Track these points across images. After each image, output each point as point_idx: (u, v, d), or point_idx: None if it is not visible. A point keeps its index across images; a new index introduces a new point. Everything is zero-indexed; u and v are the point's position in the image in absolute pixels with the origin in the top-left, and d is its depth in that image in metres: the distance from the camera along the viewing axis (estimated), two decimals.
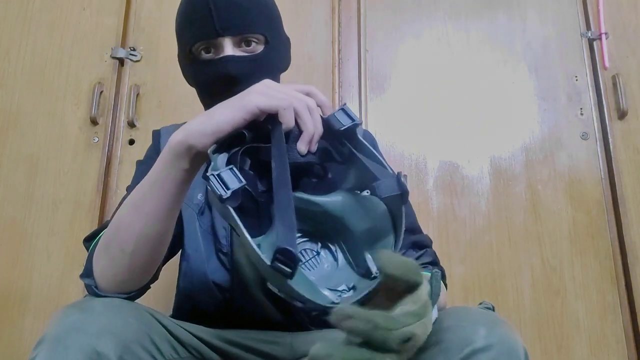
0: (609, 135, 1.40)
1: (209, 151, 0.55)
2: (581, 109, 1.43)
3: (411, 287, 0.48)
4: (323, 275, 0.57)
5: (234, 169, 0.51)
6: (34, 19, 1.53)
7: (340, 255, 0.59)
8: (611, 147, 1.39)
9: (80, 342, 0.53)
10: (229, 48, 0.77)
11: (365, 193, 0.58)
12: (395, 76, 1.48)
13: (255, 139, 0.58)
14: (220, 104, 0.59)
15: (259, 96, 0.57)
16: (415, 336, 0.46)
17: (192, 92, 1.52)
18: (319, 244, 0.59)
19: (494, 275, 1.33)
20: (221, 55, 0.77)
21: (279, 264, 0.44)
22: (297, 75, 1.46)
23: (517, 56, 1.48)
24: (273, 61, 0.81)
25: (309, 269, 0.57)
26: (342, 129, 0.58)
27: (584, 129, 1.42)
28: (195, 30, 0.78)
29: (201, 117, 0.59)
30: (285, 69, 0.87)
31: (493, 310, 0.66)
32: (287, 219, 0.46)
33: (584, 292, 1.31)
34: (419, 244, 0.81)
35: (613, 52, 1.46)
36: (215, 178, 0.50)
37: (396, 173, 0.55)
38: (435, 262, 0.81)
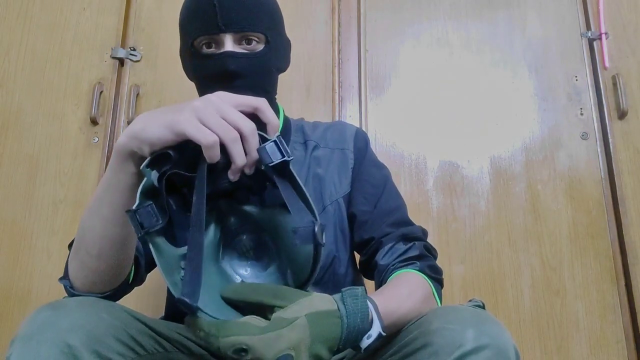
0: (609, 135, 1.40)
1: (141, 167, 0.55)
2: (581, 109, 1.43)
3: (266, 308, 0.51)
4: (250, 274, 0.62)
5: (153, 205, 0.52)
6: (34, 19, 1.53)
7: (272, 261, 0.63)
8: (611, 147, 1.39)
9: (52, 337, 0.54)
10: (229, 44, 0.78)
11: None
12: (395, 76, 1.48)
13: (183, 161, 0.56)
14: (160, 111, 0.58)
15: (189, 122, 0.54)
16: (251, 349, 0.48)
17: (192, 91, 1.52)
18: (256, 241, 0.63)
19: (494, 275, 1.33)
20: (221, 51, 0.78)
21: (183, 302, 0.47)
22: (297, 75, 1.46)
23: (517, 56, 1.48)
24: (272, 61, 0.82)
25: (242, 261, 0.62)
26: (270, 164, 0.55)
27: (584, 129, 1.42)
28: (198, 25, 0.79)
29: (142, 120, 0.58)
30: (283, 70, 0.87)
31: (483, 307, 0.66)
32: (194, 263, 0.49)
33: (584, 292, 1.31)
34: (408, 237, 0.80)
35: (613, 52, 1.46)
36: (134, 214, 0.52)
37: (314, 222, 0.54)
38: (422, 255, 0.78)
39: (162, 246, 0.53)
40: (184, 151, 0.55)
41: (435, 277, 0.77)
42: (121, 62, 1.50)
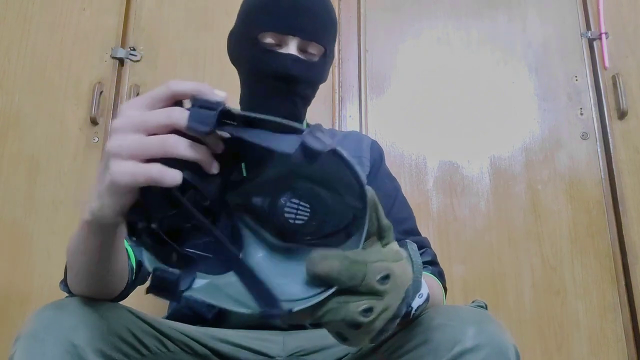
0: (609, 135, 1.40)
1: (128, 244, 0.50)
2: (581, 109, 1.43)
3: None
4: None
5: (164, 269, 0.43)
6: (34, 19, 1.53)
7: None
8: (611, 147, 1.39)
9: (56, 336, 0.53)
10: (293, 47, 0.80)
11: None
12: (395, 76, 1.48)
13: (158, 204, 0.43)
14: (98, 176, 0.45)
15: (117, 172, 0.41)
16: (393, 274, 0.44)
17: None
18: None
19: (494, 275, 1.33)
20: (287, 52, 0.79)
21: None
22: None
23: (517, 56, 1.48)
24: (323, 72, 0.86)
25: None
26: (205, 133, 0.41)
27: (584, 129, 1.42)
28: (270, 20, 0.80)
29: (92, 197, 0.47)
30: (324, 81, 0.89)
31: (486, 308, 0.66)
32: (249, 280, 0.45)
33: (584, 292, 1.31)
34: (418, 245, 0.82)
35: (613, 52, 1.46)
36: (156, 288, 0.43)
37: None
38: (434, 262, 0.82)
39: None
40: (147, 194, 0.43)
41: (443, 283, 0.79)
42: (121, 62, 1.50)
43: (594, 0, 1.50)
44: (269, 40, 0.80)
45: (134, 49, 1.51)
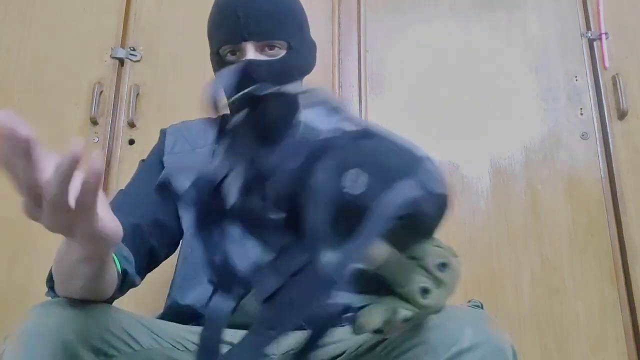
0: (609, 135, 1.40)
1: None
2: (581, 109, 1.43)
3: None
4: None
5: None
6: (34, 19, 1.53)
7: None
8: (611, 147, 1.39)
9: (46, 332, 0.54)
10: (251, 52, 0.82)
11: None
12: (395, 76, 1.48)
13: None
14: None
15: (49, 225, 0.47)
16: (451, 265, 0.47)
17: (192, 91, 1.52)
18: None
19: (494, 274, 1.33)
20: (242, 59, 0.82)
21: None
22: None
23: (517, 56, 1.48)
24: (293, 66, 0.86)
25: None
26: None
27: (584, 129, 1.42)
28: (222, 34, 0.84)
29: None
30: (307, 72, 0.91)
31: (482, 307, 0.66)
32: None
33: (584, 291, 1.31)
34: None
35: (613, 52, 1.46)
36: None
37: None
38: None
39: None
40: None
41: None
42: (121, 62, 1.50)
43: (594, 0, 1.50)
44: (228, 52, 0.84)
45: (134, 49, 1.51)
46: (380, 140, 0.47)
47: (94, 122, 1.43)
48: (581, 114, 1.43)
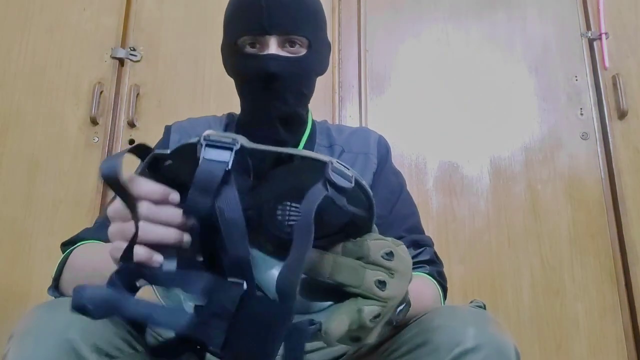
0: (609, 135, 1.40)
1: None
2: (581, 109, 1.43)
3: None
4: None
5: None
6: (34, 19, 1.53)
7: None
8: (611, 147, 1.39)
9: (50, 332, 0.53)
10: (273, 46, 0.79)
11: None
12: (395, 76, 1.48)
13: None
14: None
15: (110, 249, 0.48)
16: (397, 253, 0.47)
17: (192, 91, 1.52)
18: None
19: (494, 275, 1.33)
20: (265, 52, 0.79)
21: None
22: None
23: (517, 56, 1.48)
24: (313, 65, 0.84)
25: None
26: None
27: (584, 129, 1.42)
28: (244, 24, 0.80)
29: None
30: (322, 73, 0.89)
31: (484, 308, 0.66)
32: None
33: (584, 292, 1.31)
34: (419, 243, 0.81)
35: (613, 52, 1.46)
36: None
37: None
38: (432, 261, 0.80)
39: None
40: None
41: (442, 283, 0.78)
42: (121, 62, 1.50)
43: (594, 0, 1.50)
44: (248, 44, 0.80)
45: (134, 49, 1.51)
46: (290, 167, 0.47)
47: (94, 122, 1.43)
48: (581, 114, 1.43)
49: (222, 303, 0.41)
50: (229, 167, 0.42)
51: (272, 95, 0.80)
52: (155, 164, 0.47)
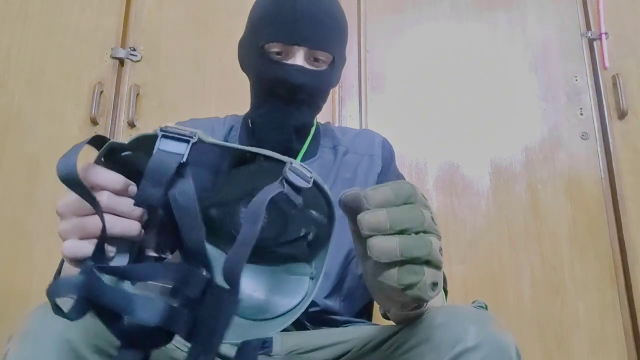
0: (609, 135, 1.40)
1: None
2: (581, 109, 1.44)
3: None
4: None
5: None
6: (34, 19, 1.53)
7: None
8: (611, 147, 1.39)
9: (50, 332, 0.53)
10: (300, 58, 0.80)
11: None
12: (395, 76, 1.48)
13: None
14: None
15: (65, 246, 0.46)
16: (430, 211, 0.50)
17: (192, 92, 1.52)
18: None
19: (494, 274, 1.33)
20: (292, 63, 0.79)
21: None
22: None
23: (517, 56, 1.48)
24: (332, 79, 0.85)
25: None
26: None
27: (584, 129, 1.42)
28: (275, 30, 0.80)
29: None
30: (335, 85, 0.89)
31: (486, 309, 0.66)
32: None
33: (584, 291, 1.31)
34: None
35: (613, 52, 1.46)
36: None
37: None
38: None
39: None
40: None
41: (444, 286, 0.78)
42: (121, 62, 1.50)
43: (594, 0, 1.50)
44: (275, 50, 0.80)
45: (134, 49, 1.51)
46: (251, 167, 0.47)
47: (94, 122, 1.43)
48: (581, 114, 1.43)
49: (188, 293, 0.42)
50: (184, 159, 0.42)
51: (293, 106, 0.81)
52: (112, 154, 0.46)
